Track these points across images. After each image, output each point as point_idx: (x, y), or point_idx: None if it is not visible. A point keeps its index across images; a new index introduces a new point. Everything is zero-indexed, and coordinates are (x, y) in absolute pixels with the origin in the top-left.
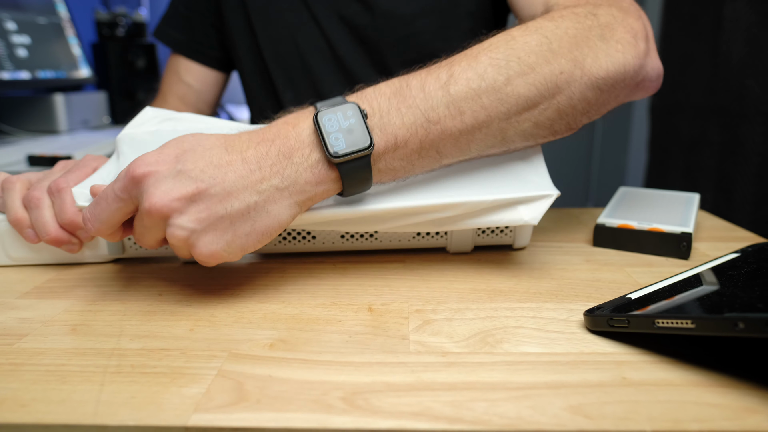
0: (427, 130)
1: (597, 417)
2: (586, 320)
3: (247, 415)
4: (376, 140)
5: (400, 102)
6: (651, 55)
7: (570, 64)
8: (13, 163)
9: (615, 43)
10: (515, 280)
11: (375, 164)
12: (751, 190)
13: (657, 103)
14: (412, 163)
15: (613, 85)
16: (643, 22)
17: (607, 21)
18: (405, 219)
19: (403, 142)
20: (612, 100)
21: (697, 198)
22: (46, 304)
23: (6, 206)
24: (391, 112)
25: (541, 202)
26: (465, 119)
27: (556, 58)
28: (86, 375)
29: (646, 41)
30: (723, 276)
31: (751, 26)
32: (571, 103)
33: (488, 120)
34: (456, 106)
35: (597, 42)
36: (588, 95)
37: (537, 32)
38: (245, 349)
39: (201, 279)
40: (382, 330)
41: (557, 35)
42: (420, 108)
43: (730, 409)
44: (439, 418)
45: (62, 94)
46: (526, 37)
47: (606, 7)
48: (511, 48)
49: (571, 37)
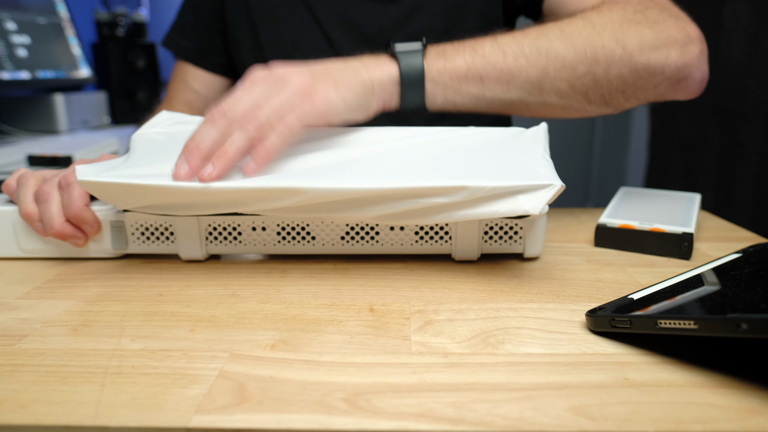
0: (473, 56)
1: (599, 418)
2: (588, 321)
3: (249, 416)
4: (428, 50)
5: (455, 45)
6: (701, 59)
7: (612, 42)
8: (13, 163)
9: (664, 37)
10: (517, 280)
11: (428, 71)
12: (751, 190)
13: (657, 103)
14: (460, 84)
15: (652, 73)
16: (696, 27)
17: (656, 18)
18: (401, 203)
19: (452, 58)
20: (651, 88)
21: (698, 198)
22: (46, 304)
23: (19, 200)
24: (446, 46)
25: (543, 192)
26: (507, 60)
27: (599, 35)
28: (87, 376)
29: (699, 44)
30: (725, 276)
31: (751, 26)
32: (607, 77)
33: (527, 66)
34: (500, 48)
35: (644, 30)
36: (625, 74)
37: (583, 19)
38: (246, 350)
39: (202, 279)
40: (383, 331)
41: (602, 21)
42: (470, 44)
43: (733, 410)
44: (441, 419)
45: (62, 94)
46: (572, 21)
47: (657, 10)
48: (557, 26)
49: (616, 22)
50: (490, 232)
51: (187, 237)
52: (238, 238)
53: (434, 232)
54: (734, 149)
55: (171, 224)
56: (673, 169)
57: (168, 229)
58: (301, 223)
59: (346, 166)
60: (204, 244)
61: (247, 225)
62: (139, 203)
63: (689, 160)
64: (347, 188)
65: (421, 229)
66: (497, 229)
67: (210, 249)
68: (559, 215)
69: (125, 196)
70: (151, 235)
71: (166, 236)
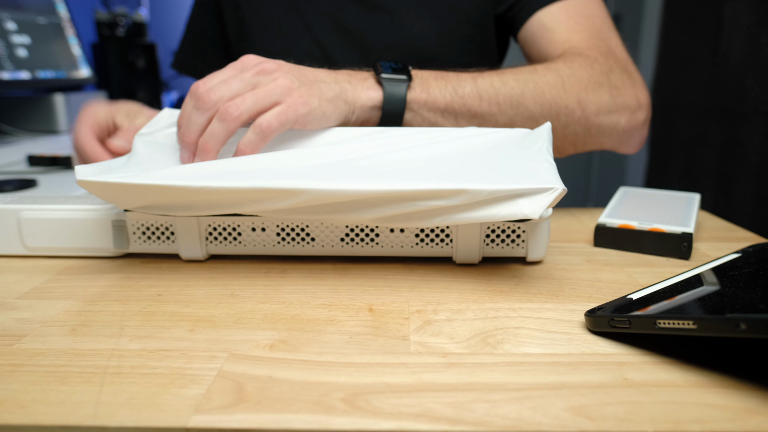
0: (453, 96)
1: (598, 418)
2: (587, 321)
3: (248, 416)
4: (413, 80)
5: (438, 78)
6: (644, 125)
7: (575, 103)
8: (13, 163)
9: (619, 103)
10: (516, 280)
11: (409, 103)
12: (751, 190)
13: (657, 103)
14: (436, 117)
15: (602, 133)
16: (647, 93)
17: (617, 83)
18: (400, 205)
19: (434, 93)
20: (597, 144)
21: (697, 198)
22: (45, 304)
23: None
24: (430, 79)
25: (544, 196)
26: (482, 105)
27: (566, 94)
28: (86, 376)
29: (646, 111)
30: (724, 276)
31: (751, 26)
32: (564, 132)
33: (498, 114)
34: (478, 92)
35: (604, 95)
36: (579, 132)
37: (556, 72)
38: (245, 350)
39: (201, 279)
40: (382, 331)
41: (572, 80)
42: (452, 81)
43: (732, 410)
44: (440, 419)
45: (62, 94)
46: (546, 73)
47: (619, 73)
48: (532, 75)
49: (583, 82)
50: (492, 235)
51: (187, 237)
52: (237, 239)
53: (435, 235)
54: (734, 149)
55: (171, 224)
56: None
57: (168, 228)
58: (300, 224)
59: (347, 166)
60: (204, 244)
61: (247, 225)
62: (139, 203)
63: (689, 160)
64: (346, 190)
65: (421, 232)
66: (499, 232)
67: (210, 249)
68: (559, 215)
69: (125, 196)
70: (152, 235)
71: (167, 236)
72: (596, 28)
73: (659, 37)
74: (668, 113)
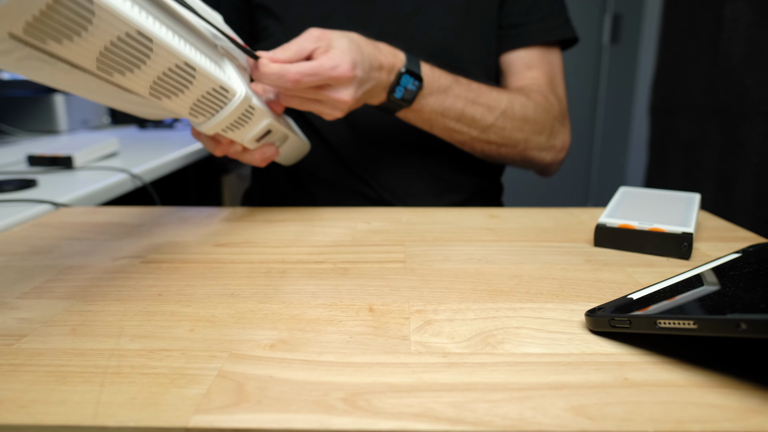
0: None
1: (599, 418)
2: (588, 321)
3: (248, 416)
4: (424, 87)
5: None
6: (560, 163)
7: (522, 140)
8: (13, 163)
9: (549, 144)
10: (516, 280)
11: (414, 105)
12: (751, 190)
13: (657, 103)
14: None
15: (529, 163)
16: (570, 137)
17: (556, 129)
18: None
19: (417, 115)
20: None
21: (697, 198)
22: (45, 304)
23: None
24: (442, 85)
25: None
26: (461, 125)
27: (519, 131)
28: (86, 376)
29: (564, 152)
30: (724, 276)
31: (751, 26)
32: (501, 155)
33: (468, 131)
34: (470, 112)
35: (542, 138)
36: (515, 157)
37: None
38: (246, 350)
39: (201, 279)
40: (383, 330)
41: (531, 121)
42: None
43: (733, 410)
44: (440, 419)
45: (62, 94)
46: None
47: (560, 118)
48: (509, 109)
49: (533, 124)
50: None
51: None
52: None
53: None
54: (734, 149)
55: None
56: (673, 169)
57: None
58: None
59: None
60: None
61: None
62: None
63: (689, 160)
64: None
65: None
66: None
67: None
68: (559, 215)
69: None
70: None
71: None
72: (554, 74)
73: (659, 37)
74: (668, 113)
